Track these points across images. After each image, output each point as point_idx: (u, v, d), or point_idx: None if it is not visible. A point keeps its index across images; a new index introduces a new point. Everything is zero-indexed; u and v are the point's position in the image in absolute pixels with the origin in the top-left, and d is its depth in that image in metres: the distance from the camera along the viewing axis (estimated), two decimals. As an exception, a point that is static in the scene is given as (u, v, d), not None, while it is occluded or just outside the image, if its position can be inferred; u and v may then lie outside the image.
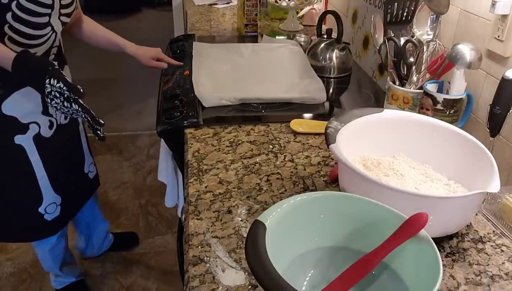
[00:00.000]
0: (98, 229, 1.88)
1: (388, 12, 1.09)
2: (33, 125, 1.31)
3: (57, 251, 1.61)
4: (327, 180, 0.92)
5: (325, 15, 1.58)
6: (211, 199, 0.85)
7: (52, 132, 1.37)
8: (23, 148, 1.31)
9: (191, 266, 0.69)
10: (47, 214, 1.44)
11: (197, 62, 1.46)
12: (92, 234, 1.88)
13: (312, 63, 1.48)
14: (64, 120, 1.42)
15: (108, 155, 2.77)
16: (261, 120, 1.16)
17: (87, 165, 1.60)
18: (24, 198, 1.40)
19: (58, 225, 1.51)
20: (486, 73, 0.96)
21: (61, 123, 1.40)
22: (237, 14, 2.03)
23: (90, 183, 1.63)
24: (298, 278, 0.63)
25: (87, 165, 1.60)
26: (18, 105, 1.26)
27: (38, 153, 1.34)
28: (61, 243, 1.61)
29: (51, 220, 1.45)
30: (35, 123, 1.31)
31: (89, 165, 1.61)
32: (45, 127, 1.34)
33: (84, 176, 1.59)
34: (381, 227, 0.61)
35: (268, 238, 0.55)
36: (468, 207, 0.71)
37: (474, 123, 1.00)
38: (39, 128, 1.33)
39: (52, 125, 1.36)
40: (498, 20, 0.89)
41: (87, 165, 1.60)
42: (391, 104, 1.09)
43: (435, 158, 0.84)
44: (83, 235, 1.88)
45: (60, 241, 1.60)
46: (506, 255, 0.74)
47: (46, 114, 1.33)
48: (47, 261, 1.65)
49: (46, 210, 1.43)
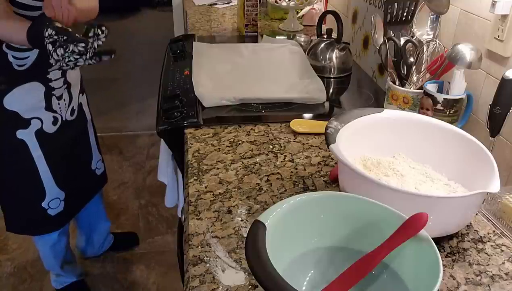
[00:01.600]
0: (100, 228, 1.89)
1: (388, 12, 1.09)
2: (35, 120, 1.31)
3: (58, 248, 1.62)
4: (327, 180, 0.92)
5: (325, 15, 1.58)
6: (211, 199, 0.85)
7: (56, 128, 1.37)
8: (25, 143, 1.32)
9: (191, 266, 0.69)
10: (51, 209, 1.44)
11: (197, 62, 1.46)
12: (92, 233, 1.88)
13: (312, 63, 1.48)
14: (70, 116, 1.42)
15: (108, 155, 2.77)
16: (261, 120, 1.16)
17: (95, 161, 1.60)
18: (26, 192, 1.41)
19: (61, 220, 1.51)
20: (486, 73, 0.96)
21: (67, 120, 1.41)
22: (237, 14, 2.03)
23: (96, 180, 1.64)
24: (298, 278, 0.63)
25: (95, 162, 1.60)
26: (20, 100, 1.27)
27: (40, 148, 1.35)
28: (62, 240, 1.62)
29: (54, 215, 1.46)
30: (37, 118, 1.32)
31: (97, 161, 1.62)
32: (49, 123, 1.35)
33: (91, 173, 1.60)
34: (381, 227, 0.61)
35: (268, 238, 0.55)
36: (468, 207, 0.71)
37: (474, 123, 1.00)
38: (42, 124, 1.33)
39: (57, 121, 1.37)
40: (498, 20, 0.89)
41: (95, 161, 1.60)
42: (391, 104, 1.09)
43: (435, 158, 0.84)
44: (84, 233, 1.88)
45: (62, 238, 1.60)
46: (506, 255, 0.74)
47: (49, 110, 1.34)
48: (48, 258, 1.65)
49: (50, 205, 1.44)
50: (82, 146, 1.54)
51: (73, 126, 1.45)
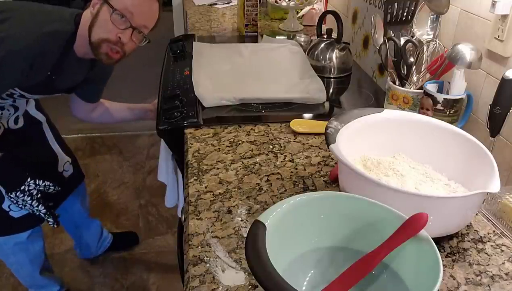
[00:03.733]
0: (88, 228, 1.85)
1: (388, 12, 1.09)
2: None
3: (33, 251, 1.55)
4: (327, 180, 0.92)
5: (325, 15, 1.58)
6: (211, 199, 0.85)
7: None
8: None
9: (191, 266, 0.69)
10: (12, 211, 1.40)
11: (197, 62, 1.46)
12: (82, 234, 1.85)
13: (312, 63, 1.48)
14: (14, 125, 1.38)
15: (108, 155, 2.77)
16: (261, 120, 1.16)
17: (61, 164, 1.55)
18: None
19: (28, 222, 1.46)
20: (486, 73, 0.96)
21: (10, 128, 1.37)
22: (237, 14, 2.03)
23: (66, 182, 1.58)
24: (298, 278, 0.63)
25: (61, 164, 1.56)
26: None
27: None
28: (36, 243, 1.55)
29: (18, 217, 1.41)
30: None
31: (64, 163, 1.57)
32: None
33: (57, 175, 1.54)
34: (381, 227, 0.61)
35: (268, 238, 0.55)
36: (468, 207, 0.71)
37: (474, 123, 1.00)
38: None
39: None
40: (498, 20, 0.89)
41: (61, 164, 1.55)
42: (391, 104, 1.09)
43: (435, 158, 0.84)
44: (74, 236, 1.86)
45: (35, 241, 1.54)
46: (506, 255, 0.74)
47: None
48: (24, 266, 1.58)
49: (11, 207, 1.39)
50: (39, 150, 1.48)
51: (20, 133, 1.39)
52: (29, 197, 1.36)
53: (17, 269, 1.60)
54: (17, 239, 1.49)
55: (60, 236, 2.07)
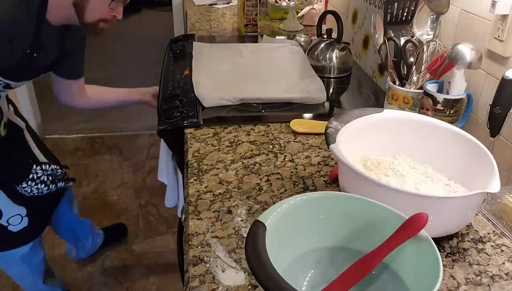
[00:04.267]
0: (83, 228, 1.85)
1: (388, 12, 1.09)
2: None
3: (35, 262, 1.55)
4: (327, 180, 0.92)
5: (325, 15, 1.58)
6: (211, 199, 0.85)
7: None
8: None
9: (191, 266, 0.69)
10: (11, 226, 1.38)
11: (197, 62, 1.46)
12: (79, 237, 1.86)
13: (312, 63, 1.48)
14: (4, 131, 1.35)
15: (108, 155, 2.77)
16: (261, 120, 1.16)
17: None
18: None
19: (28, 235, 1.44)
20: (486, 73, 0.96)
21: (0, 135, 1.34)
22: (237, 14, 2.03)
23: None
24: (298, 278, 0.63)
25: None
26: None
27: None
28: (38, 254, 1.55)
29: (17, 231, 1.40)
30: None
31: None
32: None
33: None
34: (381, 227, 0.61)
35: (268, 238, 0.55)
36: (468, 207, 0.71)
37: (474, 123, 1.00)
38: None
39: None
40: (498, 20, 0.89)
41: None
42: (391, 104, 1.09)
43: (435, 158, 0.84)
44: (69, 239, 1.85)
45: (37, 252, 1.54)
46: (506, 255, 0.74)
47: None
48: (26, 277, 1.57)
49: (9, 222, 1.37)
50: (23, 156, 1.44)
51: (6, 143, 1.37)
52: (43, 184, 1.37)
53: (20, 279, 1.61)
54: (20, 252, 1.48)
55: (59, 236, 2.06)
